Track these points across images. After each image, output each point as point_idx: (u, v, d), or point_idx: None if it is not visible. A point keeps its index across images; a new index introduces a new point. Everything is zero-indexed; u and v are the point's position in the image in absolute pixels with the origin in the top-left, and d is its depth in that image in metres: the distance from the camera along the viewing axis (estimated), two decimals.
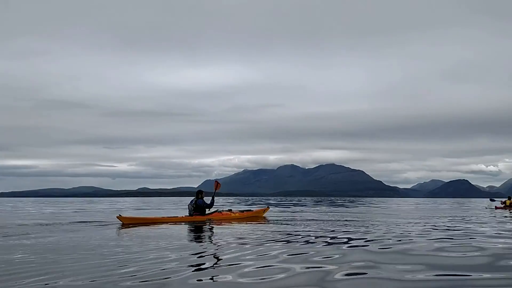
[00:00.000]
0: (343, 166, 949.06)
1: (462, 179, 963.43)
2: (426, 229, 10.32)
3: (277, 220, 13.74)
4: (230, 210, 14.22)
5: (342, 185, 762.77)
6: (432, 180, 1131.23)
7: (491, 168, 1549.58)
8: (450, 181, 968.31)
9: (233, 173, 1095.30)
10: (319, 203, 42.77)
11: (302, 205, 33.29)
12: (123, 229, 10.45)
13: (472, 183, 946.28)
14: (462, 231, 9.96)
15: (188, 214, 13.10)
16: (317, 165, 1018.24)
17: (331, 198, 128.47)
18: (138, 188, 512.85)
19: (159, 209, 26.48)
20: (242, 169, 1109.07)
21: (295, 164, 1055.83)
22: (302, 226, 11.22)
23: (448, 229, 10.38)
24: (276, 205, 32.17)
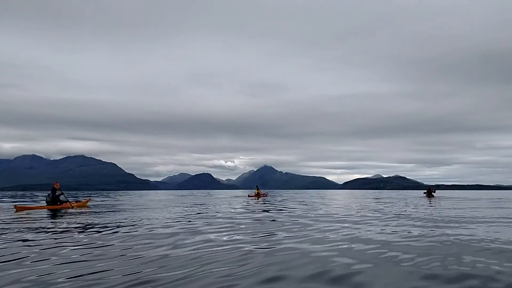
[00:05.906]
0: (93, 158, 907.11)
1: (206, 172, 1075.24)
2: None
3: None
4: (68, 201, 19.73)
5: (92, 178, 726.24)
6: (181, 174, 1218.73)
7: (229, 163, 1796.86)
8: (196, 174, 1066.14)
9: None
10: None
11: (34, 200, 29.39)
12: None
13: (214, 176, 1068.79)
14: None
15: (46, 204, 18.78)
16: (64, 157, 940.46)
17: (77, 191, 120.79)
18: None
19: None
20: None
21: (37, 154, 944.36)
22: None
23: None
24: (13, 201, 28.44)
